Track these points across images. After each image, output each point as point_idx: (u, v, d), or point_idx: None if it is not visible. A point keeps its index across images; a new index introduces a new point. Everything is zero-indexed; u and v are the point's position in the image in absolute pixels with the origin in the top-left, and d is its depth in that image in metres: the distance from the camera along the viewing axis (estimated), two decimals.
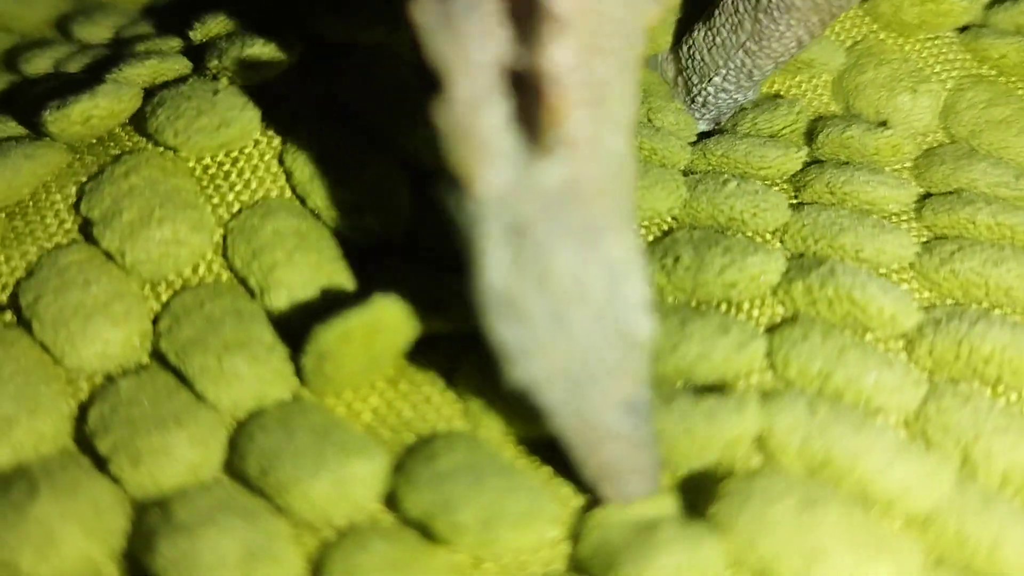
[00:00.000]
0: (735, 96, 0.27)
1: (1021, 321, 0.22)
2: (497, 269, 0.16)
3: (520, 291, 0.17)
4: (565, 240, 0.16)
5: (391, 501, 0.20)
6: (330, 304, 0.21)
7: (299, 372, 0.21)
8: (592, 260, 0.17)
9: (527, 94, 0.16)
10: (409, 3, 0.16)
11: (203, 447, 0.20)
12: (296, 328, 0.21)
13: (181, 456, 0.20)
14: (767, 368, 0.21)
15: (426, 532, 0.19)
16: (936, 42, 0.28)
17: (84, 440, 0.20)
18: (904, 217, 0.24)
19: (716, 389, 0.21)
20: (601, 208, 0.17)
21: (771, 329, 0.22)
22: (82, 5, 0.31)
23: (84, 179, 0.23)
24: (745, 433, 0.20)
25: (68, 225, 0.22)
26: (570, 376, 0.17)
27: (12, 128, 0.24)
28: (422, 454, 0.20)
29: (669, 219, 0.24)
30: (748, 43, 0.25)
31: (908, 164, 0.26)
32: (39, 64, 0.27)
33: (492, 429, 0.21)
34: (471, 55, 0.16)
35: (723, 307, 0.22)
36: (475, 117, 0.16)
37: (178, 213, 0.22)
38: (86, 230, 0.22)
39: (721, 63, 0.26)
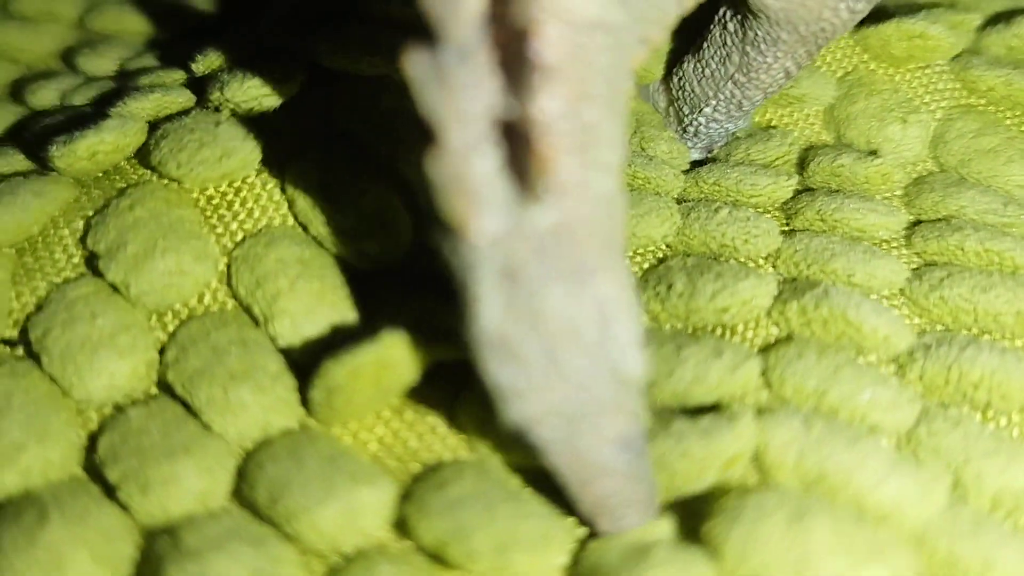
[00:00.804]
0: (726, 126, 0.27)
1: (1010, 346, 0.22)
2: (491, 313, 0.17)
3: (513, 333, 0.17)
4: (556, 282, 0.17)
5: (402, 528, 0.20)
6: (333, 332, 0.22)
7: (306, 404, 0.21)
8: (583, 301, 0.17)
9: (516, 142, 0.16)
10: (401, 56, 0.16)
11: (211, 476, 0.20)
12: (300, 356, 0.21)
13: (189, 485, 0.20)
14: (763, 387, 0.22)
15: (439, 558, 0.19)
16: (927, 71, 0.28)
17: (93, 468, 0.20)
18: (894, 244, 0.25)
19: (712, 410, 0.21)
20: (591, 249, 0.17)
21: (765, 349, 0.22)
22: (87, 37, 0.31)
23: (91, 213, 0.23)
24: (742, 451, 0.20)
25: (76, 260, 0.23)
26: (564, 415, 0.18)
27: (19, 162, 0.24)
28: (432, 482, 0.20)
29: (663, 247, 0.24)
30: (737, 75, 0.26)
31: (898, 192, 0.26)
32: (44, 96, 0.28)
33: (496, 458, 0.21)
34: (462, 106, 0.16)
35: (717, 332, 0.23)
36: (467, 166, 0.16)
37: (181, 244, 0.22)
38: (92, 263, 0.22)
39: (711, 94, 0.26)
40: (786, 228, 0.25)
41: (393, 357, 0.20)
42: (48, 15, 0.31)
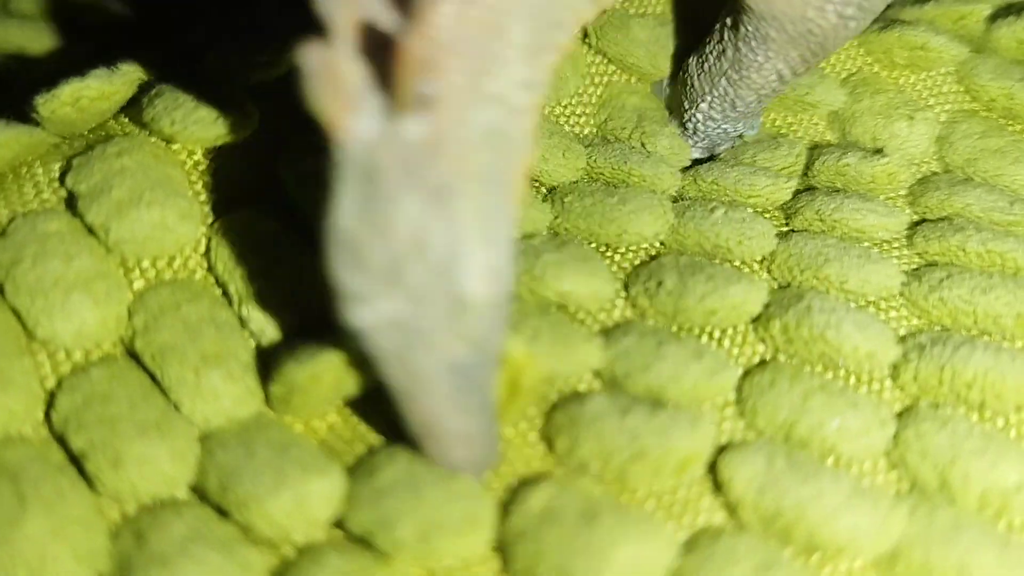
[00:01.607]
0: (723, 126, 0.26)
1: (1008, 347, 0.22)
2: (345, 211, 0.17)
3: (363, 236, 0.17)
4: (413, 193, 0.17)
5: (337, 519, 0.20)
6: (305, 323, 0.21)
7: (266, 396, 0.21)
8: (436, 218, 0.17)
9: (392, 49, 0.16)
10: None
11: (183, 462, 0.20)
12: (271, 343, 0.21)
13: (162, 468, 0.20)
14: (738, 416, 0.21)
15: (370, 548, 0.19)
16: (931, 74, 0.28)
17: (53, 427, 0.20)
18: (895, 244, 0.24)
19: (677, 407, 0.21)
20: (457, 172, 0.17)
21: (747, 372, 0.22)
22: None
23: (71, 155, 0.23)
24: (697, 453, 0.20)
25: (46, 196, 0.22)
26: (400, 327, 0.17)
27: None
28: (363, 470, 0.20)
29: (657, 244, 0.24)
30: (730, 71, 0.25)
31: (903, 192, 0.26)
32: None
33: None
34: (353, 8, 0.16)
35: (703, 337, 0.22)
36: (347, 67, 0.16)
37: (168, 199, 0.22)
38: (70, 203, 0.22)
39: (707, 89, 0.26)
40: (784, 228, 0.25)
41: (355, 362, 0.20)
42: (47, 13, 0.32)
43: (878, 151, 0.26)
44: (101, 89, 0.23)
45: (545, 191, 0.25)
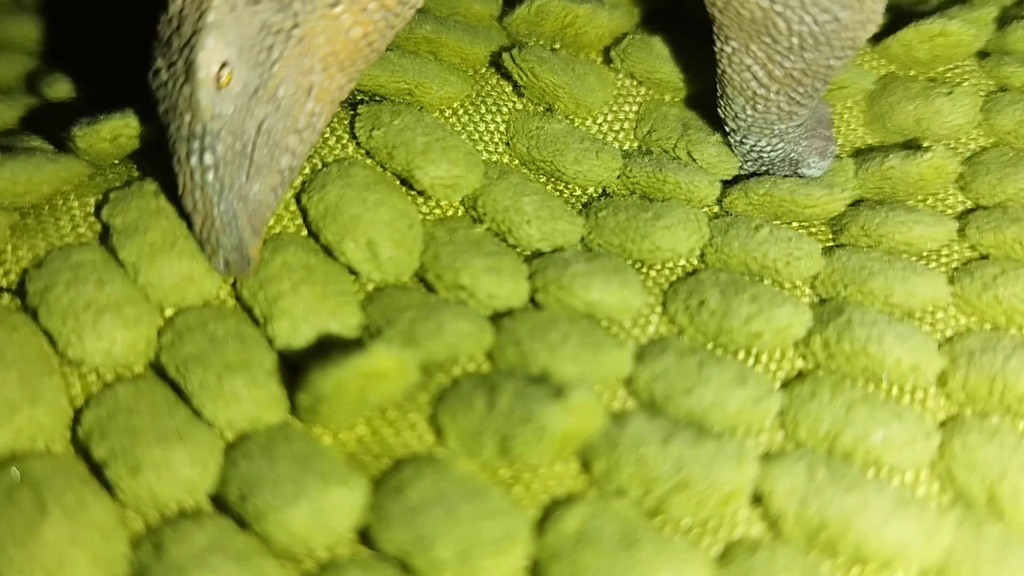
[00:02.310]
0: (762, 143, 0.25)
1: None
2: None
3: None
4: None
5: (365, 537, 0.19)
6: (331, 337, 0.21)
7: (293, 406, 0.20)
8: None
9: None
10: None
11: (203, 467, 0.20)
12: (296, 357, 0.21)
13: (181, 473, 0.19)
14: (778, 427, 0.21)
15: (405, 568, 0.19)
16: (956, 71, 0.27)
17: (78, 441, 0.20)
18: (943, 252, 0.23)
19: (720, 436, 0.20)
20: None
21: (786, 384, 0.21)
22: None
23: (106, 188, 0.23)
24: (744, 485, 0.20)
25: (82, 230, 0.22)
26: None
27: (38, 142, 0.24)
28: (391, 486, 0.19)
29: (695, 261, 0.23)
30: (721, 76, 0.24)
31: (953, 180, 0.25)
32: (61, 88, 0.28)
33: (463, 454, 0.20)
34: None
35: (742, 355, 0.22)
36: None
37: (199, 251, 0.22)
38: (105, 236, 0.22)
39: (721, 97, 0.25)
40: (830, 244, 0.24)
41: (381, 370, 0.19)
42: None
43: (919, 148, 0.26)
44: (140, 128, 0.23)
45: (580, 205, 0.25)
